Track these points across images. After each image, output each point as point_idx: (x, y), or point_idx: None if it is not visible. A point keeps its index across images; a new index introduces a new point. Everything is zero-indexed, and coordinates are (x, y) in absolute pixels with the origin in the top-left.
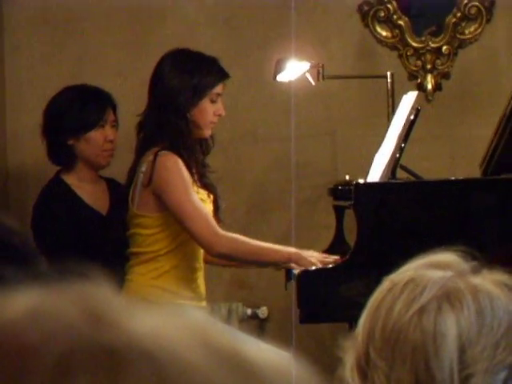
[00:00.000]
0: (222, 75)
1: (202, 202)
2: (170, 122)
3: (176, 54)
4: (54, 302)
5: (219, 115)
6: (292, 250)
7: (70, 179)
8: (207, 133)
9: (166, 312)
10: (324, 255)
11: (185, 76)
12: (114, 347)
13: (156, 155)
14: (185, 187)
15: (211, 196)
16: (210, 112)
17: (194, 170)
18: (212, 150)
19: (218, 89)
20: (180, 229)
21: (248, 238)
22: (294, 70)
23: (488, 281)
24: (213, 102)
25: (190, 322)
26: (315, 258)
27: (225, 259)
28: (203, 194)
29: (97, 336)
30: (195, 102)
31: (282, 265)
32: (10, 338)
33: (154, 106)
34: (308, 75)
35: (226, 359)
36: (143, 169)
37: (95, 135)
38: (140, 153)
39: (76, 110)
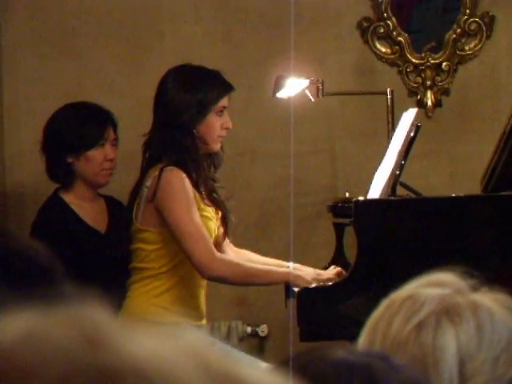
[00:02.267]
0: (227, 88)
1: (208, 219)
2: (175, 139)
3: (178, 70)
4: (50, 325)
5: (227, 128)
6: (287, 271)
7: (69, 197)
8: (216, 147)
9: (163, 334)
10: (318, 272)
11: (188, 92)
12: (111, 370)
13: (162, 170)
14: (187, 205)
15: (219, 213)
16: (217, 126)
17: (202, 187)
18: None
19: (224, 102)
20: None
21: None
22: (294, 86)
23: (487, 298)
24: (219, 115)
25: (187, 344)
26: (310, 276)
27: (219, 282)
28: (210, 211)
29: (94, 359)
30: (201, 118)
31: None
32: (6, 362)
33: (159, 124)
34: (307, 92)
35: (223, 382)
36: (148, 183)
37: (95, 154)
38: (145, 170)
39: (76, 128)
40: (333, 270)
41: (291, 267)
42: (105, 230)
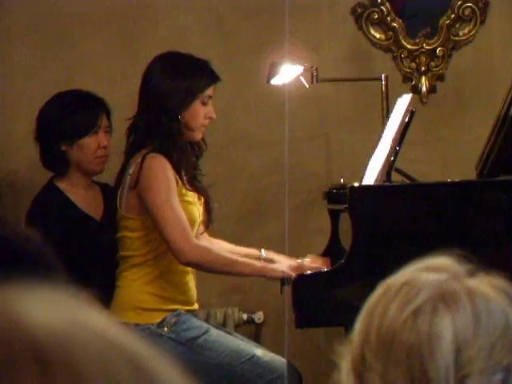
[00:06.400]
0: (214, 78)
1: (190, 204)
2: (161, 124)
3: (166, 57)
4: None
5: (210, 118)
6: (263, 265)
7: (64, 185)
8: (198, 135)
9: (58, 304)
10: (295, 262)
11: (176, 78)
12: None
13: (144, 157)
14: (168, 192)
15: (202, 198)
16: (202, 115)
17: (183, 173)
18: (205, 155)
19: (210, 91)
20: None
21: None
22: (288, 73)
23: (484, 283)
24: (204, 104)
25: (79, 314)
26: (286, 267)
27: (195, 268)
28: (192, 196)
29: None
30: (187, 105)
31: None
32: None
33: (145, 108)
34: (302, 78)
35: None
36: (130, 171)
37: (89, 141)
38: (129, 155)
39: (69, 116)
40: (313, 263)
41: (263, 254)
42: (100, 217)
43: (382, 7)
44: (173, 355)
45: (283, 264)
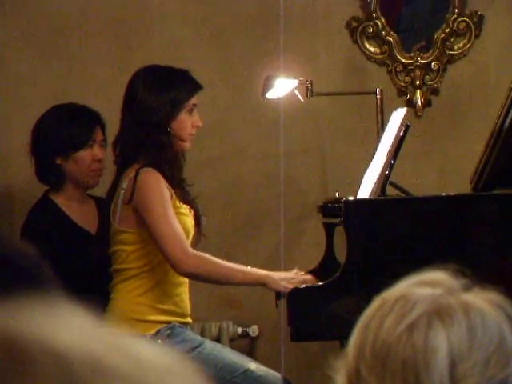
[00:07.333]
0: (197, 86)
1: (184, 216)
2: (151, 138)
3: (147, 71)
4: None
5: (197, 126)
6: (263, 272)
7: (59, 199)
8: (188, 145)
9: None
10: (294, 274)
11: (161, 91)
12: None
13: (138, 172)
14: (163, 205)
15: (192, 211)
16: (189, 124)
17: (176, 185)
18: (200, 167)
19: (194, 100)
20: None
21: (219, 259)
22: (283, 86)
23: (479, 298)
24: (190, 113)
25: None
26: (286, 281)
27: (193, 279)
28: (186, 208)
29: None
30: (174, 116)
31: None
32: None
33: (132, 123)
34: (297, 92)
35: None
36: (124, 185)
37: (84, 155)
38: (120, 170)
39: (64, 129)
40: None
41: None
42: (95, 230)
43: (377, 21)
44: None
45: (286, 276)
